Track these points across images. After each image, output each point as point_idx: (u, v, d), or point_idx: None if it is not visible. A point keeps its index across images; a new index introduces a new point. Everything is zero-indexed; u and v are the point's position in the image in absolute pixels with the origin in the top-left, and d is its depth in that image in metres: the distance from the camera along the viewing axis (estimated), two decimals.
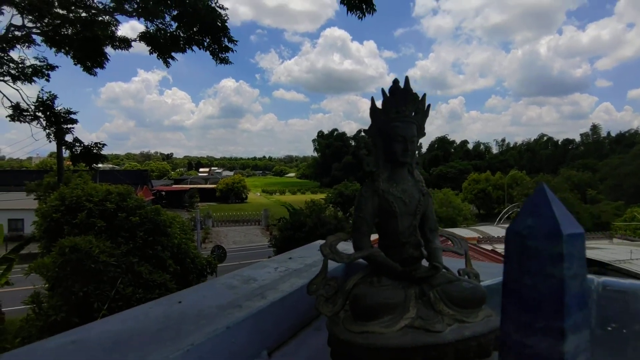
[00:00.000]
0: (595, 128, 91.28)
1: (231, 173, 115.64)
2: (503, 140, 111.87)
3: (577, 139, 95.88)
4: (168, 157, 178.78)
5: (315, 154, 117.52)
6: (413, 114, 1.54)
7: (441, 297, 1.35)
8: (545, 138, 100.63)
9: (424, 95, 1.57)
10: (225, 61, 7.73)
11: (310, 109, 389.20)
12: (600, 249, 16.44)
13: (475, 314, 1.34)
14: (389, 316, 1.27)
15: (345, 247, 1.54)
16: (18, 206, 31.69)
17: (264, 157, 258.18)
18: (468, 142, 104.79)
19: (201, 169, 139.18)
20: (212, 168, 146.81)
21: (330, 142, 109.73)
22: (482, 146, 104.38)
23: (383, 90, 1.54)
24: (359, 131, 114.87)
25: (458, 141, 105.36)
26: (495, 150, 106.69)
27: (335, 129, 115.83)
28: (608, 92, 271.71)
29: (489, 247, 18.74)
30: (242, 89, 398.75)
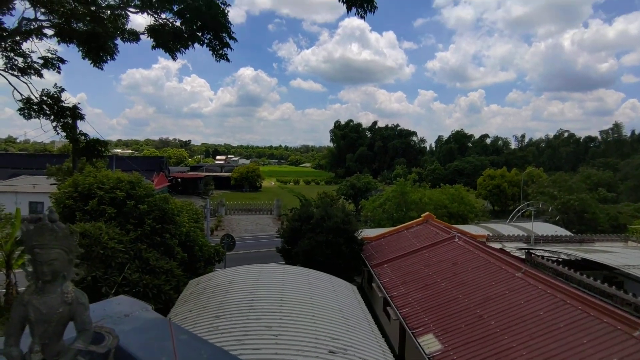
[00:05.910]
0: (617, 126, 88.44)
1: (247, 161, 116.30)
2: (523, 136, 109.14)
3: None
4: (186, 144, 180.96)
5: (332, 145, 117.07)
6: (54, 241, 1.86)
7: None
8: (566, 134, 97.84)
9: (67, 225, 1.95)
10: (224, 57, 7.83)
11: (328, 99, 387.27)
12: (611, 253, 16.09)
13: None
14: None
15: None
16: (39, 189, 32.86)
17: (280, 146, 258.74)
18: (488, 137, 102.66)
19: (218, 157, 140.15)
20: (229, 156, 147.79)
21: (345, 133, 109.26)
22: (500, 141, 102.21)
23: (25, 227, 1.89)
24: (374, 123, 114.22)
25: (477, 135, 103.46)
26: (514, 146, 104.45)
27: (351, 120, 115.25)
28: (635, 89, 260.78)
29: (498, 245, 18.56)
30: (260, 77, 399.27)
